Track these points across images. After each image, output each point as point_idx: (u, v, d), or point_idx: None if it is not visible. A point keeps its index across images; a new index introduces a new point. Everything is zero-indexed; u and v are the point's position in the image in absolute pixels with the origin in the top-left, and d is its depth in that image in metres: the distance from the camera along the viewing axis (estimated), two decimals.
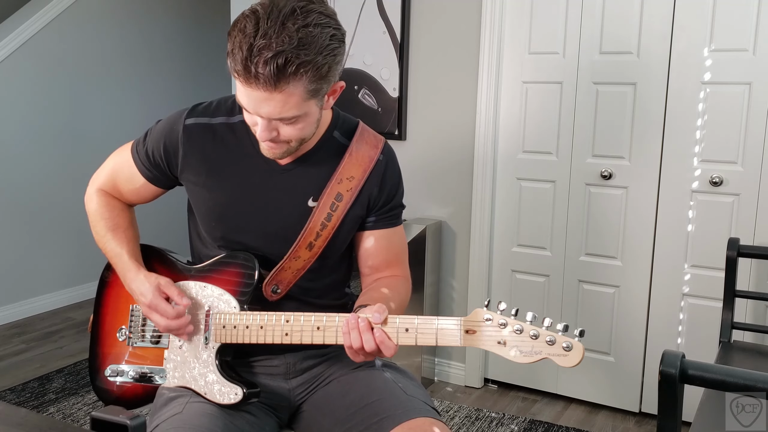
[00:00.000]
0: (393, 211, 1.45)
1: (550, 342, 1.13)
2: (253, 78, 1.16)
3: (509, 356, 1.16)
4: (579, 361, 1.13)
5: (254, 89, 1.18)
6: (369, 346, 1.21)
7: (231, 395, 1.33)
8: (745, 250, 2.29)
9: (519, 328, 1.15)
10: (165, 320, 1.35)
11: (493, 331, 1.17)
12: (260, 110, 1.21)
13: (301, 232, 1.36)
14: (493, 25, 2.77)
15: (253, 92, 1.18)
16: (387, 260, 1.46)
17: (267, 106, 1.19)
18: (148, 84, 4.38)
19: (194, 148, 1.39)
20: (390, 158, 1.44)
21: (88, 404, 2.80)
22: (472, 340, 1.18)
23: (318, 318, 1.27)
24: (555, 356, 1.13)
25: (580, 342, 1.13)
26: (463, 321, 1.19)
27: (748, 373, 1.00)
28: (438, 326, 1.20)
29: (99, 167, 1.54)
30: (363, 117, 3.04)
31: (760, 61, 2.40)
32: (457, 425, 2.67)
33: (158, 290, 1.37)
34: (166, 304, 1.35)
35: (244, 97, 1.21)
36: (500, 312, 1.17)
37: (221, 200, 1.39)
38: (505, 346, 1.16)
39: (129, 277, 1.42)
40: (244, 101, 1.22)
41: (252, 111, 1.22)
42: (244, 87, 1.19)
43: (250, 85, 1.17)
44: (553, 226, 2.83)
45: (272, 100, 1.18)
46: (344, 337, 1.23)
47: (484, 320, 1.17)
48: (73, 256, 3.99)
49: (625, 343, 2.76)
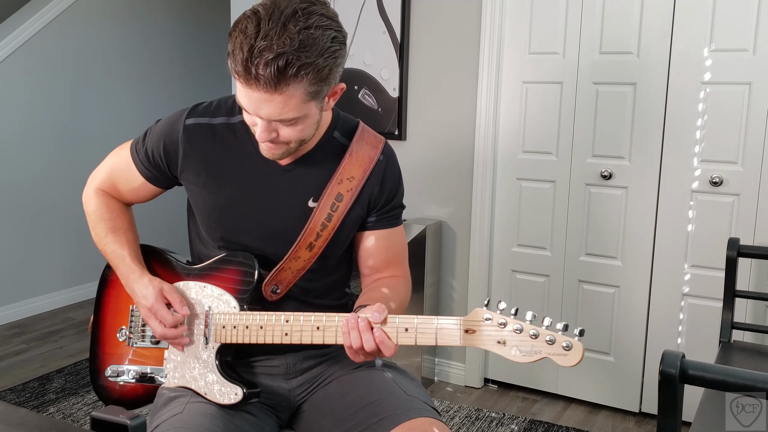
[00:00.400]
0: (393, 212, 1.45)
1: (549, 341, 1.13)
2: (254, 79, 1.16)
3: (509, 356, 1.16)
4: (579, 360, 1.13)
5: (254, 90, 1.18)
6: (369, 345, 1.21)
7: (231, 395, 1.33)
8: (745, 250, 2.29)
9: (519, 328, 1.15)
10: (162, 327, 1.35)
11: (492, 330, 1.17)
12: (260, 111, 1.21)
13: (302, 233, 1.36)
14: (493, 25, 2.78)
15: (253, 93, 1.18)
16: (387, 260, 1.46)
17: (267, 107, 1.19)
18: (148, 84, 4.38)
19: (194, 149, 1.39)
20: (390, 158, 1.44)
21: (88, 404, 2.80)
22: (472, 340, 1.18)
23: (318, 318, 1.27)
24: (555, 356, 1.13)
25: (579, 341, 1.13)
26: (462, 321, 1.19)
27: (748, 373, 1.00)
28: (437, 326, 1.20)
29: (97, 166, 1.54)
30: (363, 117, 3.04)
31: (760, 61, 2.41)
32: (457, 425, 2.67)
33: (161, 295, 1.37)
34: (166, 311, 1.35)
35: (244, 97, 1.21)
36: (500, 311, 1.17)
37: (221, 201, 1.39)
38: (504, 345, 1.16)
39: (132, 279, 1.42)
40: (244, 102, 1.22)
41: (252, 112, 1.22)
42: (244, 88, 1.19)
43: (250, 86, 1.17)
44: (553, 226, 2.83)
45: (272, 101, 1.18)
46: (344, 337, 1.23)
47: (483, 320, 1.17)
48: (73, 256, 3.99)
49: (625, 343, 2.76)
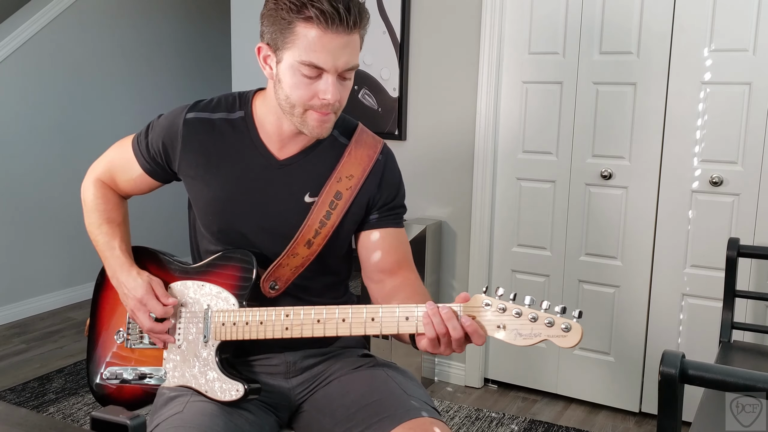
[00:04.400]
0: (395, 211, 1.45)
1: (548, 324, 1.15)
2: (342, 16, 1.21)
3: (509, 339, 1.17)
4: (578, 341, 1.14)
5: (336, 35, 1.22)
6: (456, 333, 1.17)
7: (232, 392, 1.34)
8: (745, 250, 2.29)
9: (518, 312, 1.16)
10: (149, 322, 1.38)
11: (492, 315, 1.18)
12: (338, 60, 1.24)
13: (299, 229, 1.36)
14: (493, 25, 2.78)
15: (333, 40, 1.22)
16: (398, 261, 1.43)
17: (344, 53, 1.24)
18: (148, 85, 4.38)
19: (193, 142, 1.40)
20: (389, 158, 1.45)
21: (88, 404, 2.80)
22: None
23: (318, 311, 1.28)
24: (554, 337, 1.15)
25: (578, 323, 1.14)
26: (462, 307, 1.19)
27: (748, 373, 1.00)
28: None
29: (99, 157, 1.56)
30: (363, 117, 3.04)
31: (760, 61, 2.40)
32: (457, 425, 2.67)
33: (150, 289, 1.39)
34: (156, 302, 1.37)
35: (320, 52, 1.23)
36: (499, 297, 1.18)
37: (218, 194, 1.39)
38: (504, 330, 1.17)
39: (120, 271, 1.43)
40: (321, 57, 1.23)
41: (329, 65, 1.24)
42: (324, 35, 1.22)
43: (336, 27, 1.21)
44: (553, 226, 2.83)
45: (349, 45, 1.24)
46: (426, 328, 1.19)
47: (483, 305, 1.18)
48: (73, 255, 3.99)
49: (625, 343, 2.76)
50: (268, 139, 1.39)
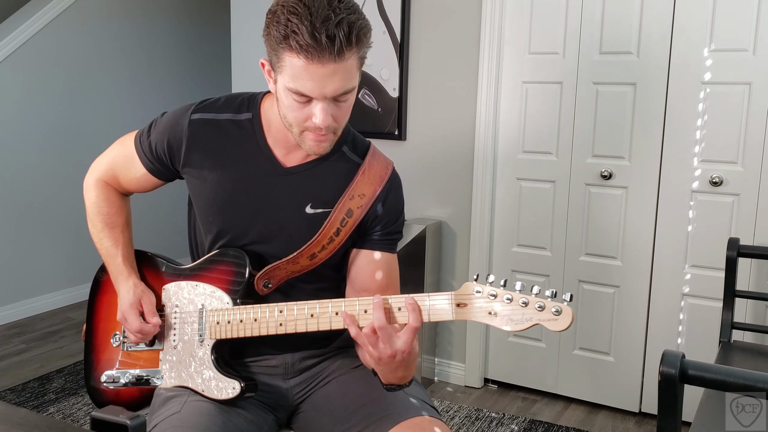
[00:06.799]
0: (392, 236, 1.43)
1: (539, 308, 1.15)
2: (323, 48, 1.15)
3: (501, 325, 1.17)
4: (569, 324, 1.14)
5: (320, 64, 1.16)
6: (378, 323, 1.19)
7: (229, 390, 1.34)
8: (745, 250, 2.29)
9: (509, 298, 1.17)
10: (133, 336, 1.43)
11: (483, 302, 1.18)
12: (325, 88, 1.19)
13: (308, 243, 1.35)
14: (493, 25, 2.77)
15: (318, 69, 1.17)
16: (387, 286, 1.42)
17: (332, 81, 1.19)
18: (148, 84, 4.38)
19: (198, 143, 1.39)
20: (395, 182, 1.42)
21: (88, 404, 2.80)
22: (464, 313, 1.19)
23: (311, 306, 1.28)
24: (545, 321, 1.15)
25: (569, 306, 1.14)
26: (453, 295, 1.20)
27: (748, 373, 1.00)
28: (430, 302, 1.21)
29: (100, 154, 1.53)
30: (363, 117, 3.04)
31: (760, 61, 2.40)
32: (457, 425, 2.67)
33: (137, 303, 1.42)
34: (135, 319, 1.41)
35: (306, 80, 1.19)
36: (489, 284, 1.19)
37: (220, 195, 1.39)
38: (496, 316, 1.18)
39: (119, 281, 1.46)
40: (307, 85, 1.19)
41: (316, 93, 1.20)
42: (309, 65, 1.17)
43: (320, 58, 1.16)
44: (553, 226, 2.83)
45: (337, 72, 1.18)
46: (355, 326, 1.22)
47: (474, 293, 1.19)
48: (72, 255, 3.99)
49: (625, 343, 2.76)
50: (274, 144, 1.37)
